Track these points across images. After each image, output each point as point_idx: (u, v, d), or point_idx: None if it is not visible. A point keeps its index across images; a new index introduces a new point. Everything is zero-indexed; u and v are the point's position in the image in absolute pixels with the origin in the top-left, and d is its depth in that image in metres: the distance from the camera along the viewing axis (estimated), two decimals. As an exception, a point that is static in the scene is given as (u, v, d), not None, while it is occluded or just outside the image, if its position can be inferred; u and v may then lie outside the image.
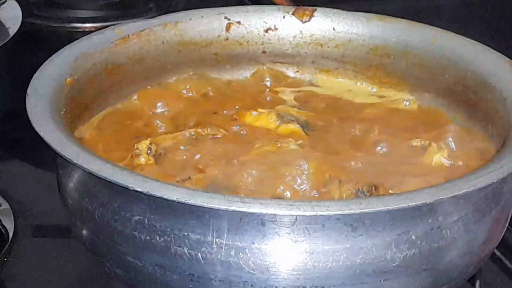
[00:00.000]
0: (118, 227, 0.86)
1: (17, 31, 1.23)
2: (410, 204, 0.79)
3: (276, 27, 1.17)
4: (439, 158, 0.97)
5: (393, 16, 1.16)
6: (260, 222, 0.81)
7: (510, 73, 1.02)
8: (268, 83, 1.17)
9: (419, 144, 1.00)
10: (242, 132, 1.03)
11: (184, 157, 0.97)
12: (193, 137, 1.01)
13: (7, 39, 1.19)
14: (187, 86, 1.13)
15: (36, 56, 1.05)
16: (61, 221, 1.03)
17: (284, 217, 0.80)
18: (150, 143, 0.97)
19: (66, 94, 0.98)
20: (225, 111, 1.08)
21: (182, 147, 0.99)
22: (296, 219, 0.80)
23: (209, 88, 1.13)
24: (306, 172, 0.92)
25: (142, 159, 0.96)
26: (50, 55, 1.02)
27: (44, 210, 1.15)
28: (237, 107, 1.09)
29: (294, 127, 1.04)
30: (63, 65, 1.01)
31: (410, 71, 1.13)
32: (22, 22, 1.26)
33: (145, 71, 1.11)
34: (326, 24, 1.17)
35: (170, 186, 0.80)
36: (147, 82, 1.12)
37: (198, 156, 0.97)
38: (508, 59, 1.05)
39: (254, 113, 1.06)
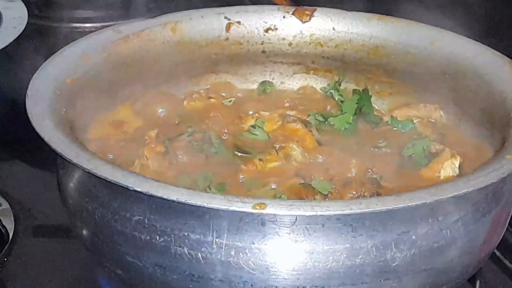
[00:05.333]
0: (118, 227, 0.86)
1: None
2: (410, 204, 0.79)
3: (276, 27, 1.17)
4: (450, 164, 0.97)
5: (393, 16, 1.16)
6: (260, 222, 0.81)
7: (510, 73, 1.02)
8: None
9: (433, 147, 1.00)
10: (245, 136, 1.04)
11: (187, 158, 0.98)
12: (196, 140, 1.02)
13: (13, 39, 1.19)
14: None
15: (36, 56, 1.05)
16: (61, 221, 1.03)
17: (284, 217, 0.80)
18: (158, 132, 0.98)
19: (66, 94, 0.98)
20: (229, 115, 1.09)
21: (185, 150, 0.99)
22: (296, 219, 0.80)
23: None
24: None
25: (146, 154, 0.96)
26: (50, 55, 1.02)
27: (44, 210, 1.15)
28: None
29: (296, 126, 1.04)
30: (63, 65, 1.01)
31: (410, 71, 1.13)
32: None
33: (145, 71, 1.11)
34: (326, 24, 1.17)
35: (170, 186, 0.80)
36: (147, 82, 1.12)
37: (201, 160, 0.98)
38: (508, 59, 1.05)
39: (257, 115, 1.06)
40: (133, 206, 0.85)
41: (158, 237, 0.83)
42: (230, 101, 1.12)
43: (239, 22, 1.16)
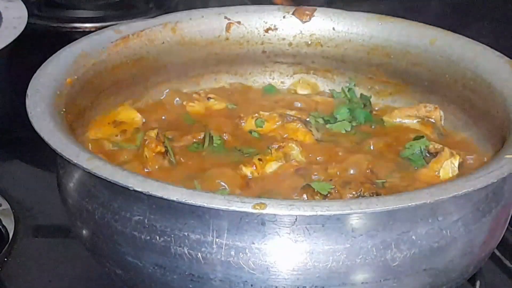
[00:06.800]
0: (118, 227, 0.86)
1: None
2: (410, 204, 0.79)
3: (276, 27, 1.17)
4: (449, 164, 0.97)
5: (393, 16, 1.16)
6: (260, 222, 0.81)
7: (510, 73, 1.02)
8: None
9: (432, 147, 1.00)
10: (245, 136, 1.04)
11: (190, 161, 0.98)
12: (197, 140, 1.02)
13: (13, 39, 1.19)
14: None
15: (36, 56, 1.04)
16: (61, 221, 1.03)
17: (284, 217, 0.80)
18: (158, 132, 0.98)
19: (66, 94, 0.98)
20: (229, 115, 1.09)
21: (185, 150, 1.00)
22: (296, 219, 0.80)
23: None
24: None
25: (146, 154, 0.96)
26: (50, 55, 1.02)
27: (44, 210, 1.15)
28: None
29: (296, 126, 1.04)
30: (63, 65, 1.01)
31: (410, 71, 1.13)
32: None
33: (145, 71, 1.11)
34: (326, 24, 1.17)
35: (170, 186, 0.80)
36: (147, 82, 1.12)
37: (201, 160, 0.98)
38: (508, 59, 1.05)
39: (257, 116, 1.06)
40: (133, 206, 0.85)
41: (158, 237, 0.83)
42: (233, 106, 1.12)
43: (239, 22, 1.16)
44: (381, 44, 1.14)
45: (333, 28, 1.17)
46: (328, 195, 0.91)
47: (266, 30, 1.17)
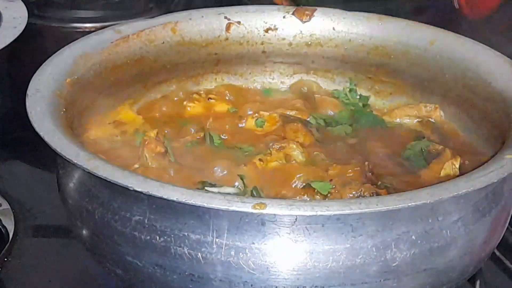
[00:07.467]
0: (118, 227, 0.86)
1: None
2: (410, 204, 0.79)
3: (276, 27, 1.17)
4: (450, 165, 0.97)
5: (393, 16, 1.16)
6: (260, 222, 0.81)
7: (510, 73, 1.02)
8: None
9: (433, 148, 1.00)
10: (245, 136, 1.04)
11: (189, 160, 0.98)
12: (197, 140, 1.02)
13: (13, 39, 1.19)
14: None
15: (36, 56, 1.05)
16: (61, 221, 1.03)
17: (284, 217, 0.80)
18: (158, 133, 0.98)
19: (66, 94, 0.98)
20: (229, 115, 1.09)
21: (185, 150, 1.00)
22: (296, 219, 0.80)
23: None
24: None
25: (146, 154, 0.96)
26: (50, 55, 1.02)
27: (44, 210, 1.15)
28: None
29: (297, 126, 1.04)
30: (63, 65, 1.01)
31: (410, 71, 1.13)
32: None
33: (145, 71, 1.11)
34: (326, 24, 1.17)
35: (170, 186, 0.80)
36: (147, 82, 1.12)
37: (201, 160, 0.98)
38: (508, 59, 1.05)
39: (257, 115, 1.06)
40: (133, 206, 0.85)
41: (158, 237, 0.83)
42: (234, 110, 1.12)
43: (239, 22, 1.17)
44: (381, 44, 1.14)
45: (333, 28, 1.17)
46: (328, 195, 0.91)
47: (266, 30, 1.17)
